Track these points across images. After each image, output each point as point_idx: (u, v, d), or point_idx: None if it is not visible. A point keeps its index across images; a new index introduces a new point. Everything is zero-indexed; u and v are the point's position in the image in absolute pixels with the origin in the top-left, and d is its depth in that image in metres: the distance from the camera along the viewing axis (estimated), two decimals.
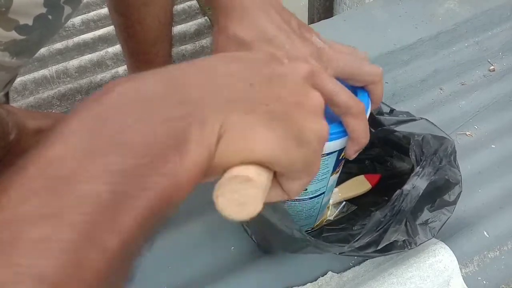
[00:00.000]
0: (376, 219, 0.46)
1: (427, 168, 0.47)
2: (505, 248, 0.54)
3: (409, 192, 0.46)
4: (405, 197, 0.46)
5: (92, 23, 1.32)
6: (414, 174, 0.46)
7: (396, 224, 0.46)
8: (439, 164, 0.47)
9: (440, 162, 0.48)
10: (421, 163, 0.47)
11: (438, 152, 0.48)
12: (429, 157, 0.47)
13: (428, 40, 0.74)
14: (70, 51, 1.26)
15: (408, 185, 0.46)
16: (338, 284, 0.51)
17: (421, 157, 0.48)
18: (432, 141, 0.48)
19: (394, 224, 0.46)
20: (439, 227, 0.48)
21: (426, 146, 0.48)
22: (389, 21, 0.77)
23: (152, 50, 0.91)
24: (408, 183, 0.46)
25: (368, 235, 0.46)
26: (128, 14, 0.83)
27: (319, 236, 0.52)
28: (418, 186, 0.46)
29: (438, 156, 0.47)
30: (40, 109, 1.15)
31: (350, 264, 0.53)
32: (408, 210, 0.46)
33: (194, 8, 1.38)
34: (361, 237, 0.46)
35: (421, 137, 0.48)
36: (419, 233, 0.48)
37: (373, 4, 0.80)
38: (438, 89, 0.70)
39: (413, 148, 0.48)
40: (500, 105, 0.68)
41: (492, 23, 0.77)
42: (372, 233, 0.46)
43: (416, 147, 0.48)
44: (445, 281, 0.50)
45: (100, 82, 1.18)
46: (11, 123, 0.45)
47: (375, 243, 0.46)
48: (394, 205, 0.46)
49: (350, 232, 0.52)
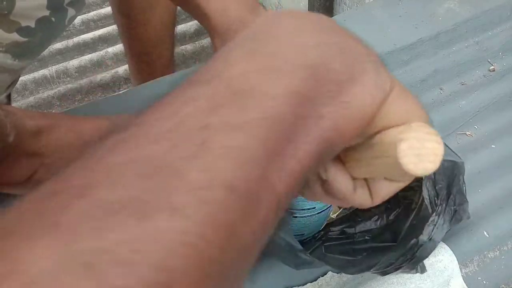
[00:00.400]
0: (388, 261, 0.46)
1: (442, 217, 0.46)
2: (505, 248, 0.54)
3: (425, 244, 0.45)
4: (421, 248, 0.45)
5: (92, 23, 1.32)
6: (430, 223, 0.46)
7: (407, 268, 0.47)
8: (454, 206, 0.47)
9: (455, 203, 0.47)
10: (436, 209, 0.46)
11: (452, 190, 0.47)
12: (444, 200, 0.47)
13: (428, 40, 0.74)
14: (70, 51, 1.26)
15: (425, 236, 0.46)
16: (338, 284, 0.51)
17: (435, 198, 0.47)
18: (444, 172, 0.47)
19: (405, 268, 0.47)
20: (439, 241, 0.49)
21: (439, 182, 0.47)
22: (389, 21, 0.77)
23: (155, 51, 0.91)
24: (424, 233, 0.46)
25: (378, 270, 0.46)
26: (133, 15, 0.83)
27: (321, 246, 0.52)
28: (435, 239, 0.46)
29: (452, 196, 0.47)
30: (40, 109, 1.14)
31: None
32: (422, 259, 0.46)
33: None
34: (371, 270, 0.46)
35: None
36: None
37: (373, 4, 0.80)
38: (438, 89, 0.70)
39: (426, 186, 0.47)
40: (500, 105, 0.68)
41: (492, 23, 0.77)
42: (381, 270, 0.46)
43: (429, 184, 0.47)
44: (445, 281, 0.50)
45: (100, 82, 1.18)
46: (9, 125, 0.45)
47: (382, 273, 0.47)
48: (408, 253, 0.46)
49: (353, 246, 0.52)
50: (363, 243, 0.52)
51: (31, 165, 0.50)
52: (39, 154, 0.49)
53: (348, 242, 0.52)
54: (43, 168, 0.50)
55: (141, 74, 0.94)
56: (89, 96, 1.18)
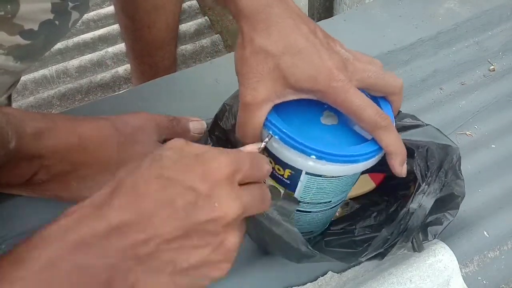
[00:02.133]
0: (383, 236, 0.46)
1: (432, 185, 0.46)
2: (505, 248, 0.54)
3: (415, 211, 0.45)
4: (412, 216, 0.45)
5: (92, 23, 1.32)
6: (420, 192, 0.46)
7: (402, 241, 0.47)
8: (445, 179, 0.47)
9: (446, 176, 0.47)
10: (427, 180, 0.46)
11: (444, 165, 0.47)
12: (435, 172, 0.47)
13: (428, 40, 0.74)
14: (70, 51, 1.26)
15: (415, 204, 0.46)
16: (338, 284, 0.51)
17: (426, 171, 0.47)
18: (437, 152, 0.47)
19: (400, 241, 0.46)
20: (440, 230, 0.48)
21: (431, 159, 0.47)
22: (389, 21, 0.77)
23: (159, 53, 0.90)
24: (414, 201, 0.46)
25: (375, 251, 0.46)
26: (137, 17, 0.83)
27: (322, 240, 0.52)
28: (425, 205, 0.46)
29: (444, 170, 0.47)
30: (40, 109, 1.14)
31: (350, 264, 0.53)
32: (414, 228, 0.46)
33: (194, 8, 1.38)
34: (368, 253, 0.46)
35: (425, 148, 0.47)
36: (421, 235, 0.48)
37: (373, 4, 0.80)
38: (438, 89, 0.70)
39: (417, 162, 0.47)
40: (500, 105, 0.68)
41: (492, 23, 0.77)
42: (378, 249, 0.46)
43: (421, 161, 0.47)
44: (445, 281, 0.50)
45: (100, 81, 1.18)
46: (10, 132, 0.45)
47: (380, 255, 0.46)
48: (401, 223, 0.46)
49: (353, 238, 0.52)
50: (363, 235, 0.52)
51: (31, 167, 0.50)
52: (39, 156, 0.49)
53: (348, 236, 0.53)
54: (43, 169, 0.50)
55: (144, 75, 0.94)
56: (89, 96, 1.18)
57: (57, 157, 0.50)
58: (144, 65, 0.93)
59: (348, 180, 0.44)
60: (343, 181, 0.44)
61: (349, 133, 0.43)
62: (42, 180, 0.51)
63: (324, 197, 0.45)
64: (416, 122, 0.49)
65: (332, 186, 0.44)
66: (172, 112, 0.60)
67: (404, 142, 0.46)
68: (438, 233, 0.48)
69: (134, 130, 0.55)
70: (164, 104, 0.65)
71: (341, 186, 0.44)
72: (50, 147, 0.49)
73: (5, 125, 0.44)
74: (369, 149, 0.41)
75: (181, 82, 0.68)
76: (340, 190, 0.45)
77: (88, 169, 0.52)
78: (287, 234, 0.42)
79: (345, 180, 0.44)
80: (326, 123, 0.43)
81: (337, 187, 0.44)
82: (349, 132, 0.43)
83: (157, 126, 0.56)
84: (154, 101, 0.66)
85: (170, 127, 0.57)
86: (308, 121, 0.43)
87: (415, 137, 0.47)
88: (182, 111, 0.60)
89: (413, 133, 0.48)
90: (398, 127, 0.48)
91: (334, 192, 0.45)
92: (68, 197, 0.54)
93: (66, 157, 0.51)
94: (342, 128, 0.43)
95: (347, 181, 0.44)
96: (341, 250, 0.50)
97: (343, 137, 0.42)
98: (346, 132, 0.43)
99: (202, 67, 0.71)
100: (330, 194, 0.44)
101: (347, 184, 0.45)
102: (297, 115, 0.43)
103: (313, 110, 0.44)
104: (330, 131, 0.43)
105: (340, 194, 0.46)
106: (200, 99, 0.65)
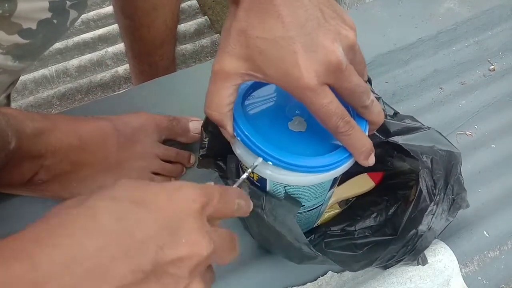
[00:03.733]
0: (390, 252, 0.46)
1: (441, 206, 0.46)
2: (505, 248, 0.54)
3: (425, 234, 0.45)
4: (421, 238, 0.45)
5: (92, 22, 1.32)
6: (428, 213, 0.45)
7: (409, 260, 0.47)
8: (452, 196, 0.46)
9: (453, 192, 0.46)
10: (435, 199, 0.46)
11: (450, 179, 0.46)
12: (442, 189, 0.46)
13: (428, 40, 0.74)
14: (70, 50, 1.26)
15: (424, 226, 0.45)
16: (338, 284, 0.51)
17: (433, 188, 0.46)
18: (441, 161, 0.47)
19: (407, 259, 0.46)
20: (440, 231, 0.48)
21: (436, 171, 0.47)
22: (389, 21, 0.77)
23: (158, 52, 0.90)
24: (423, 223, 0.45)
25: (381, 264, 0.46)
26: (136, 17, 0.83)
27: (322, 241, 0.52)
28: (435, 228, 0.45)
29: (450, 185, 0.46)
30: (40, 108, 1.14)
31: None
32: (423, 249, 0.46)
33: (194, 7, 1.38)
34: (373, 264, 0.46)
35: (430, 158, 0.46)
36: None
37: (373, 3, 0.80)
38: (438, 89, 0.70)
39: (423, 177, 0.46)
40: (500, 105, 0.68)
41: (492, 22, 0.77)
42: (384, 263, 0.46)
43: (426, 175, 0.46)
44: (445, 281, 0.50)
45: (100, 81, 1.18)
46: (10, 133, 0.45)
47: (383, 267, 0.46)
48: (408, 244, 0.46)
49: (353, 241, 0.52)
50: (363, 238, 0.52)
51: (31, 167, 0.50)
52: (40, 156, 0.49)
53: (348, 238, 0.52)
54: (44, 169, 0.50)
55: (143, 75, 0.94)
56: (89, 96, 1.18)
57: (57, 157, 0.50)
58: (143, 64, 0.93)
59: (317, 188, 0.43)
60: (312, 189, 0.43)
61: (315, 142, 0.41)
62: (43, 180, 0.51)
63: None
64: (416, 124, 0.48)
65: (300, 192, 0.43)
66: (172, 112, 0.60)
67: (408, 150, 0.46)
68: (437, 233, 0.48)
69: (134, 130, 0.55)
70: (164, 104, 0.65)
71: (311, 193, 0.43)
72: (50, 148, 0.49)
73: (5, 126, 0.44)
74: (331, 160, 0.39)
75: (181, 82, 0.68)
76: (312, 196, 0.44)
77: (88, 169, 0.52)
78: (290, 233, 0.42)
79: (315, 188, 0.43)
80: (294, 130, 0.42)
81: (307, 193, 0.43)
82: (315, 141, 0.41)
83: (157, 126, 0.56)
84: (154, 101, 0.66)
85: (170, 127, 0.57)
86: (275, 126, 0.42)
87: (417, 141, 0.47)
88: (182, 111, 0.60)
89: (416, 137, 0.47)
90: (399, 129, 0.48)
91: (305, 198, 0.44)
92: (68, 197, 0.54)
93: (66, 157, 0.51)
94: (309, 136, 0.42)
95: (316, 188, 0.43)
96: (342, 253, 0.50)
97: (308, 146, 0.41)
98: (313, 141, 0.41)
99: (202, 67, 0.71)
100: (302, 199, 0.44)
101: (317, 191, 0.44)
102: (266, 117, 0.42)
103: (283, 114, 0.43)
104: (296, 139, 0.41)
105: (314, 199, 0.45)
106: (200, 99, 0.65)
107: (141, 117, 0.56)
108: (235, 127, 0.39)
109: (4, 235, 0.55)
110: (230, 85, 0.38)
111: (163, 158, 0.57)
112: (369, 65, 0.70)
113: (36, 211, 0.54)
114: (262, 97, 0.44)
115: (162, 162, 0.56)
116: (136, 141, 0.55)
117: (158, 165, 0.56)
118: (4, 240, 0.24)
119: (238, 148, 0.41)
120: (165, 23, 0.85)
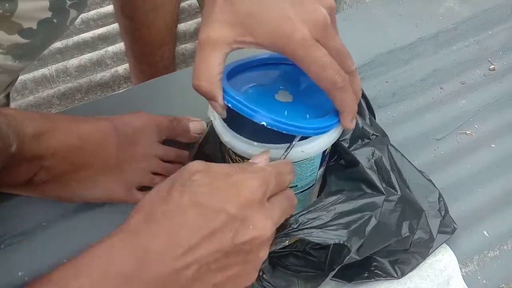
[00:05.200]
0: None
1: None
2: (505, 247, 0.54)
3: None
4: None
5: (92, 22, 1.32)
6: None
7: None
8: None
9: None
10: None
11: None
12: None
13: (428, 39, 0.74)
14: (70, 50, 1.26)
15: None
16: (338, 284, 0.51)
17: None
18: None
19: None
20: (407, 271, 0.50)
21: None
22: (389, 20, 0.77)
23: (158, 52, 0.90)
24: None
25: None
26: (136, 17, 0.83)
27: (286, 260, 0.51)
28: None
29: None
30: (39, 108, 1.14)
31: None
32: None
33: (194, 7, 1.38)
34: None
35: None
36: (388, 269, 0.50)
37: (373, 3, 0.80)
38: (438, 88, 0.70)
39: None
40: (500, 104, 0.68)
41: (492, 22, 0.77)
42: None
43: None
44: (445, 281, 0.50)
45: (100, 81, 1.18)
46: (12, 135, 0.45)
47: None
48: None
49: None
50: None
51: (31, 168, 0.50)
52: (40, 157, 0.49)
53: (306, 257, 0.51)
54: (44, 170, 0.50)
55: (143, 75, 0.94)
56: (89, 95, 1.17)
57: (57, 157, 0.50)
58: (143, 64, 0.93)
59: (308, 165, 0.44)
60: (303, 166, 0.44)
61: (304, 110, 0.42)
62: (43, 180, 0.51)
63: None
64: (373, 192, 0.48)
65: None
66: (172, 111, 0.59)
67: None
68: (405, 272, 0.49)
69: (134, 130, 0.55)
70: (164, 104, 0.65)
71: (303, 170, 0.44)
72: (50, 148, 0.49)
73: (6, 128, 0.44)
74: (325, 123, 0.40)
75: (181, 82, 0.68)
76: (304, 174, 0.45)
77: (88, 170, 0.52)
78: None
79: (305, 165, 0.44)
80: (282, 100, 0.43)
81: (298, 172, 0.44)
82: (304, 109, 0.43)
83: (157, 127, 0.56)
84: (154, 100, 0.65)
85: (170, 127, 0.57)
86: (263, 98, 0.43)
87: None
88: (182, 111, 0.60)
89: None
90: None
91: (297, 177, 0.45)
92: (68, 197, 0.54)
93: (66, 158, 0.51)
94: (297, 105, 0.43)
95: (307, 166, 0.44)
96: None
97: (298, 114, 0.42)
98: (302, 109, 0.43)
99: None
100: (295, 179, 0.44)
101: (308, 168, 0.45)
102: (252, 93, 0.43)
103: (268, 90, 0.44)
104: (285, 107, 0.42)
105: (306, 179, 0.46)
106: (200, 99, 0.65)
107: (141, 118, 0.56)
108: (225, 97, 0.39)
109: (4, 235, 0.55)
110: (218, 54, 0.37)
111: (163, 158, 0.57)
112: (369, 65, 0.70)
113: (36, 211, 0.54)
114: (243, 80, 0.45)
115: (162, 162, 0.56)
116: (136, 141, 0.55)
117: (158, 165, 0.56)
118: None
119: (226, 136, 0.42)
120: (165, 23, 0.85)
